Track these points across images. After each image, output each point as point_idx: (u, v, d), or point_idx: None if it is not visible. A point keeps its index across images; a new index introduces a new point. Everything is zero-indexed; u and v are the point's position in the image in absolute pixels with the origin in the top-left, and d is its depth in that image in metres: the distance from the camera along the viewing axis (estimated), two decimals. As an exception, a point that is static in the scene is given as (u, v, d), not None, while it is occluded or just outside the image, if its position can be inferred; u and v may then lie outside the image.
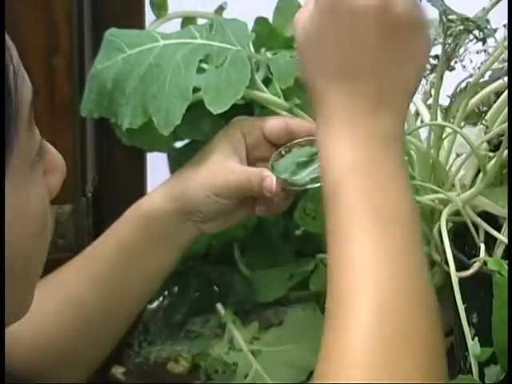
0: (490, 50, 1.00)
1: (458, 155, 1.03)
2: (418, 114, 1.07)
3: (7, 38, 0.71)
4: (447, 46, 0.98)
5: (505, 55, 1.00)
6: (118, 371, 1.11)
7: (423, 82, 1.06)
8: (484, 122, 1.03)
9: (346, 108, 0.79)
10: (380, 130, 0.79)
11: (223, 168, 0.96)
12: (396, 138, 0.80)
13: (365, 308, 0.73)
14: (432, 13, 0.97)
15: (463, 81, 1.02)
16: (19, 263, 0.72)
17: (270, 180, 0.94)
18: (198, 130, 1.01)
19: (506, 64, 1.02)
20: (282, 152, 0.96)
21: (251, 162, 0.98)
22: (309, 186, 0.95)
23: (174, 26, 1.07)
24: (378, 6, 0.79)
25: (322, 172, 0.81)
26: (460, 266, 0.96)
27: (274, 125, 0.98)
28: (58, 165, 0.77)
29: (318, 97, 0.81)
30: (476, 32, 0.96)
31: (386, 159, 0.79)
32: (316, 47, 0.81)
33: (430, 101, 1.05)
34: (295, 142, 0.96)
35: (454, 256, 0.96)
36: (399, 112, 0.82)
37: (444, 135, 1.02)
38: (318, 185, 0.94)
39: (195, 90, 0.95)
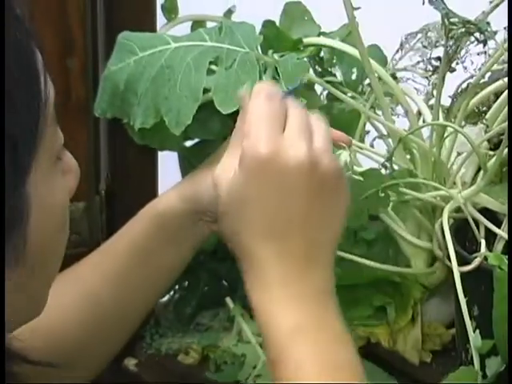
0: (491, 52, 1.00)
1: (459, 154, 1.03)
2: (420, 113, 1.07)
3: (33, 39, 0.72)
4: (449, 48, 0.98)
5: (505, 57, 1.00)
6: (130, 363, 1.12)
7: (425, 82, 1.06)
8: (484, 121, 1.03)
9: (278, 269, 0.81)
10: (314, 288, 0.81)
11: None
12: (329, 291, 0.82)
13: None
14: (435, 16, 0.98)
15: (464, 82, 1.02)
16: (39, 257, 0.72)
17: None
18: (208, 129, 1.01)
19: (505, 65, 1.03)
20: None
21: None
22: None
23: (184, 28, 1.07)
24: (308, 161, 0.80)
25: (264, 337, 0.81)
26: (461, 261, 0.96)
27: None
28: (74, 167, 0.78)
29: (246, 257, 0.83)
30: (477, 34, 0.97)
31: (325, 315, 0.81)
32: (243, 209, 0.82)
33: (432, 101, 1.05)
34: None
35: (456, 251, 0.97)
36: (328, 264, 0.83)
37: (445, 134, 1.02)
38: None
39: (205, 90, 0.95)
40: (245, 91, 0.88)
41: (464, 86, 1.02)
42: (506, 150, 0.98)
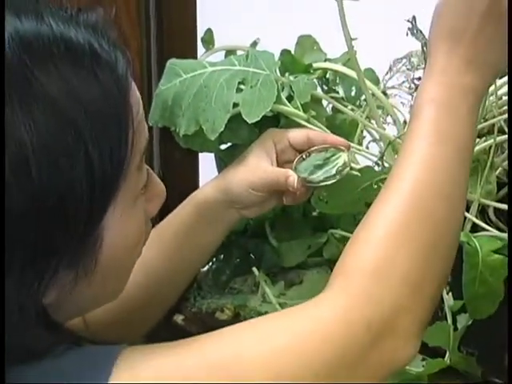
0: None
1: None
2: (405, 122, 1.06)
3: (138, 93, 0.70)
4: (427, 70, 0.97)
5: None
6: (178, 318, 1.11)
7: (409, 98, 1.06)
8: (456, 128, 1.02)
9: (443, 62, 0.79)
10: (464, 84, 0.78)
11: (258, 168, 0.95)
12: (474, 94, 0.79)
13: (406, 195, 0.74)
14: (417, 45, 0.97)
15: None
16: (109, 272, 0.70)
17: (293, 178, 0.94)
18: (238, 135, 1.00)
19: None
20: (303, 156, 0.96)
21: (280, 163, 0.97)
22: (322, 184, 0.94)
23: (219, 56, 1.07)
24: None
25: (414, 103, 0.81)
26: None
27: (297, 135, 0.97)
28: (159, 193, 0.77)
29: (431, 51, 0.81)
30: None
31: (460, 105, 0.78)
32: (440, 15, 0.80)
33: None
34: (313, 148, 0.96)
35: (433, 231, 0.96)
36: (484, 78, 0.80)
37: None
38: (330, 182, 0.94)
39: (235, 105, 0.95)
40: None
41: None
42: (475, 151, 0.97)
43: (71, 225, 0.63)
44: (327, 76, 1.10)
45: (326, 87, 1.10)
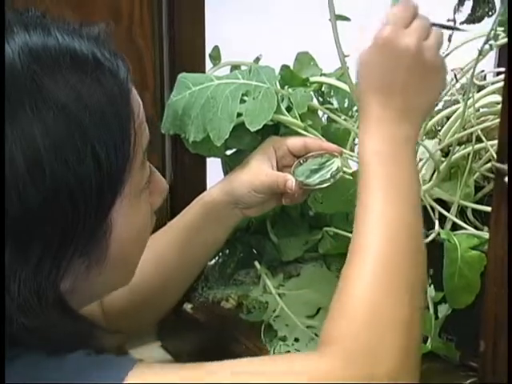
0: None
1: (420, 159, 1.02)
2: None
3: (138, 97, 0.70)
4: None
5: (453, 90, 1.00)
6: (187, 307, 1.12)
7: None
8: (438, 136, 1.02)
9: (378, 114, 0.79)
10: (401, 134, 0.79)
11: (260, 172, 0.96)
12: (411, 142, 0.79)
13: (372, 261, 0.72)
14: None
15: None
16: (119, 260, 0.71)
17: (291, 181, 0.94)
18: (241, 142, 1.01)
19: (454, 97, 1.02)
20: (301, 161, 0.96)
21: (280, 168, 0.98)
22: (318, 187, 0.95)
23: (225, 71, 1.07)
24: (415, 47, 0.79)
25: (359, 155, 0.80)
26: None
27: (295, 142, 0.97)
28: (162, 188, 0.77)
29: (362, 105, 0.81)
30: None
31: (402, 154, 0.78)
32: (366, 70, 0.81)
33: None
34: (310, 154, 0.96)
35: (417, 229, 0.96)
36: (416, 125, 0.81)
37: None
38: (325, 185, 0.94)
39: (239, 114, 0.95)
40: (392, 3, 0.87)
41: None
42: (454, 157, 0.98)
43: (83, 216, 0.64)
44: (323, 89, 1.10)
45: (321, 99, 1.10)
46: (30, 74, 0.61)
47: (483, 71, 1.04)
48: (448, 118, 1.02)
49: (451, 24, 0.92)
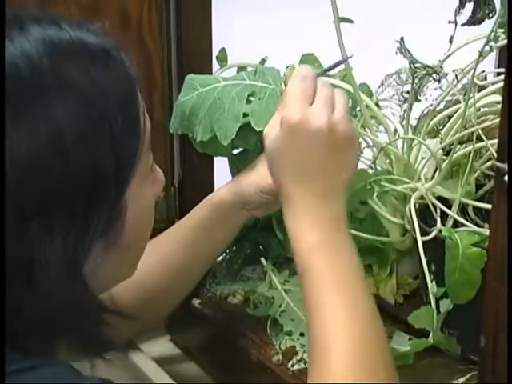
0: (444, 87, 1.00)
1: (422, 158, 1.02)
2: (395, 130, 1.06)
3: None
4: (414, 85, 0.97)
5: (454, 91, 0.99)
6: (196, 302, 1.12)
7: (399, 109, 1.06)
8: (440, 135, 1.02)
9: (303, 202, 0.79)
10: (331, 217, 0.78)
11: (267, 174, 0.94)
12: (342, 221, 0.79)
13: (338, 358, 0.71)
14: (405, 62, 0.97)
15: (426, 108, 1.01)
16: (133, 240, 0.72)
17: None
18: (247, 141, 1.00)
19: (455, 97, 1.02)
20: None
21: None
22: None
23: (231, 72, 1.07)
24: (326, 126, 0.78)
25: (293, 253, 0.79)
26: (424, 233, 0.95)
27: None
28: (161, 177, 0.78)
29: (284, 195, 0.81)
30: (434, 75, 0.96)
31: (338, 239, 0.78)
32: (281, 158, 0.80)
33: (404, 122, 1.04)
34: None
35: (420, 226, 0.96)
36: (341, 201, 0.80)
37: (413, 145, 1.01)
38: None
39: (245, 115, 0.95)
40: (287, 72, 0.86)
41: (426, 111, 1.01)
42: (455, 155, 0.97)
43: (103, 194, 0.66)
44: (327, 89, 1.10)
45: (325, 99, 1.10)
46: (48, 63, 0.63)
47: (484, 72, 1.03)
48: (449, 118, 1.02)
49: (346, 58, 0.90)
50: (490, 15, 0.93)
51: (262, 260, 1.11)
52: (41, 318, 0.65)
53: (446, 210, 0.97)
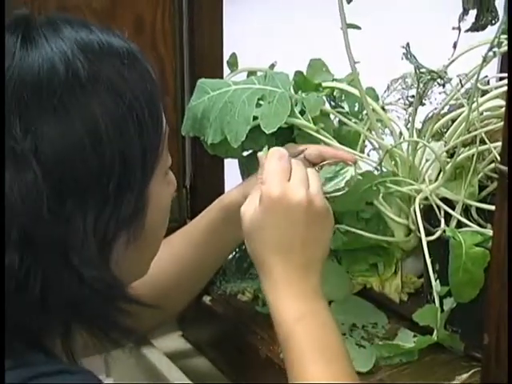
0: (448, 92, 1.00)
1: (427, 160, 1.02)
2: (401, 133, 1.06)
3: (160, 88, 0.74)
4: (419, 89, 0.97)
5: (458, 95, 0.99)
6: (206, 299, 1.12)
7: (404, 112, 1.05)
8: (444, 138, 1.02)
9: (283, 274, 0.79)
10: (311, 288, 0.79)
11: None
12: (319, 290, 0.80)
13: None
14: (410, 67, 0.97)
15: (430, 112, 1.01)
16: (151, 237, 0.73)
17: None
18: (257, 143, 1.00)
19: (459, 101, 1.02)
20: (316, 169, 0.95)
21: None
22: (332, 194, 0.92)
23: (242, 76, 1.07)
24: (306, 200, 0.79)
25: (275, 324, 0.80)
26: (428, 233, 0.95)
27: (312, 150, 0.96)
28: (173, 180, 0.79)
29: (263, 268, 0.81)
30: (438, 80, 0.96)
31: (318, 309, 0.79)
32: (261, 233, 0.81)
33: (409, 125, 1.04)
34: (325, 162, 0.94)
35: (424, 226, 0.96)
36: (319, 272, 0.81)
37: (418, 147, 1.01)
38: (339, 193, 0.92)
39: (255, 118, 0.95)
40: (263, 153, 0.87)
41: (430, 115, 1.01)
42: (459, 158, 0.97)
43: (131, 179, 0.68)
44: (334, 93, 1.10)
45: (333, 103, 1.10)
46: (82, 61, 0.66)
47: (487, 77, 1.03)
48: (453, 121, 1.02)
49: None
50: (493, 22, 0.93)
51: (271, 259, 1.11)
52: (68, 301, 0.65)
53: (450, 210, 0.97)
